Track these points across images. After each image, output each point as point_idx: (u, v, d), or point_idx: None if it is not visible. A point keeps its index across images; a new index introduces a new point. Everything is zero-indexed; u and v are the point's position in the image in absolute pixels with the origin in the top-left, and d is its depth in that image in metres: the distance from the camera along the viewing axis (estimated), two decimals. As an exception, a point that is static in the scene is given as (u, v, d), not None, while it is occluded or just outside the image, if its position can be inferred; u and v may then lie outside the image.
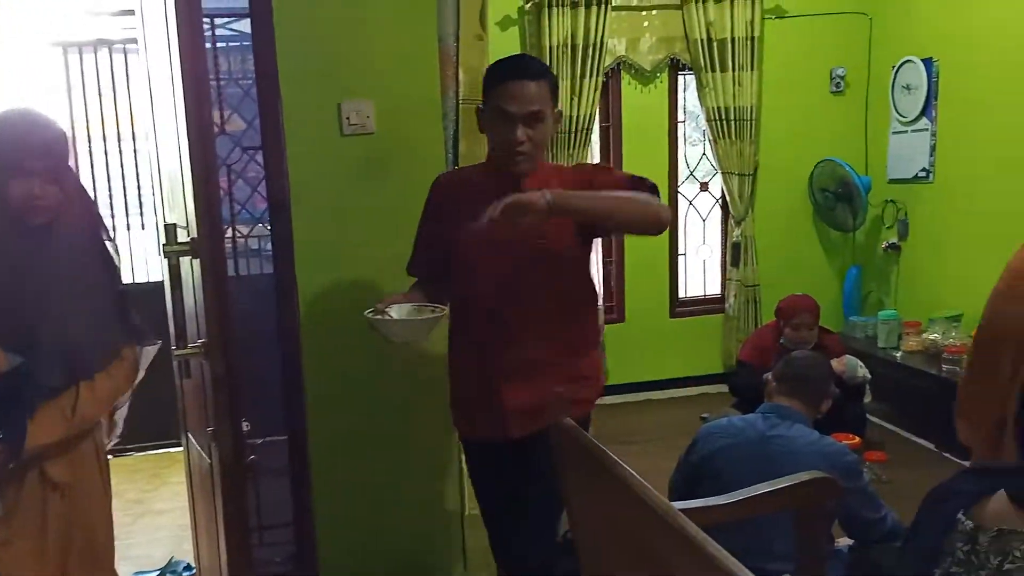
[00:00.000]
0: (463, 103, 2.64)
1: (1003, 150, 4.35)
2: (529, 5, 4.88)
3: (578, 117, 4.87)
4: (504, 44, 4.92)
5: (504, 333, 2.07)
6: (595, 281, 2.96)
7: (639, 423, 4.81)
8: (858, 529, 2.42)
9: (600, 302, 5.18)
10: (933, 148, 4.88)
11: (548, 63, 4.81)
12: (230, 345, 1.88)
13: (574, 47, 4.82)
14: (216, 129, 3.78)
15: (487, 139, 2.06)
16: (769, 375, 2.69)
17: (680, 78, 5.29)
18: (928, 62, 4.83)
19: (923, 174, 4.97)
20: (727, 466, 2.34)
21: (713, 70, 5.04)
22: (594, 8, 4.79)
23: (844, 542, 2.59)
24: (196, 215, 1.86)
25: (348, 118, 2.52)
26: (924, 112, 4.90)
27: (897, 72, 5.08)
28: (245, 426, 2.07)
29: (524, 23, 4.95)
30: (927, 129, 4.90)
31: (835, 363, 3.83)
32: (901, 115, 5.08)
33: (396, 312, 1.99)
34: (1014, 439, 1.22)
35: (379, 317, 1.96)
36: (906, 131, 5.07)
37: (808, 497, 1.99)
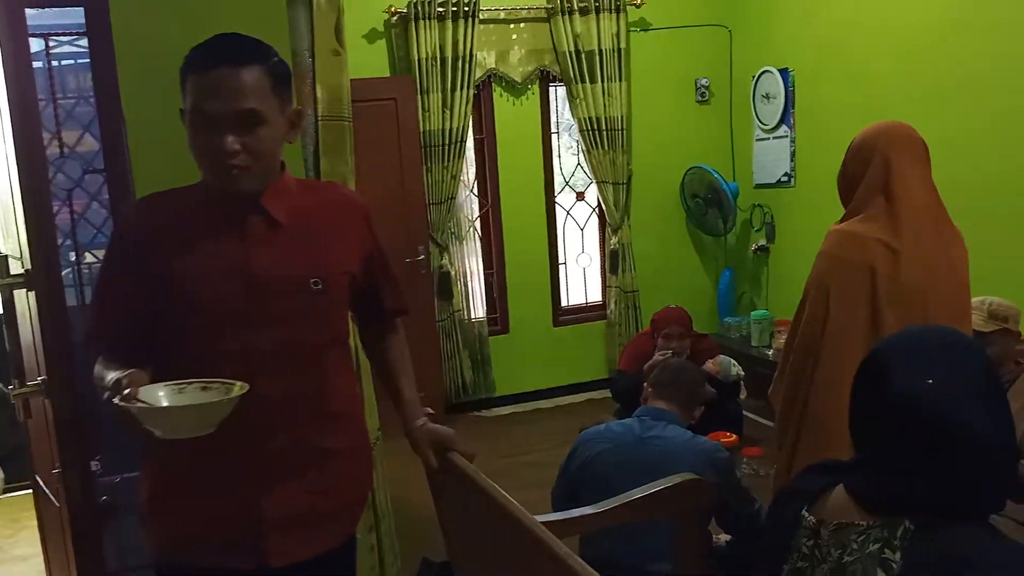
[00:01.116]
0: (322, 120, 2.61)
1: (855, 154, 4.63)
2: (395, 18, 4.88)
3: (451, 130, 4.91)
4: (371, 58, 4.91)
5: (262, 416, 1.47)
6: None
7: (529, 434, 4.84)
8: (733, 524, 2.52)
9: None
10: (793, 154, 5.16)
11: (418, 76, 4.83)
12: (72, 381, 1.78)
13: (443, 60, 4.86)
14: (62, 150, 3.60)
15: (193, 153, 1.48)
16: (647, 383, 2.77)
17: (552, 90, 5.40)
18: (784, 72, 5.11)
19: (786, 179, 5.25)
20: (607, 470, 2.39)
21: (583, 81, 5.17)
22: (462, 21, 4.84)
23: (724, 538, 2.69)
24: (29, 245, 1.75)
25: (199, 137, 2.43)
26: (783, 120, 5.18)
27: (757, 82, 5.35)
28: (95, 465, 1.97)
29: (391, 36, 4.95)
30: (787, 136, 5.18)
31: (709, 364, 3.95)
32: (763, 123, 5.35)
33: (159, 395, 1.35)
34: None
35: (160, 406, 1.32)
36: (768, 138, 5.35)
37: (682, 498, 2.05)
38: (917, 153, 2.08)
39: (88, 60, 3.50)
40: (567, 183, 5.62)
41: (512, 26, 5.14)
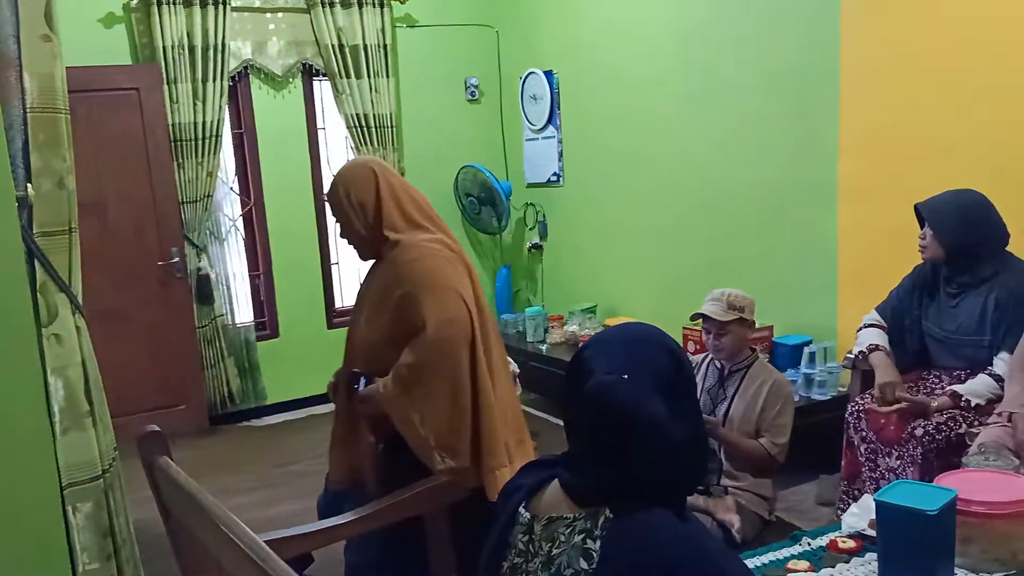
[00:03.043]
0: (32, 112, 2.33)
1: (618, 154, 4.90)
2: (136, 2, 4.55)
3: (205, 123, 4.67)
4: (110, 44, 4.56)
5: None
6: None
7: (303, 442, 4.68)
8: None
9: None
10: (561, 154, 5.36)
11: (164, 65, 4.54)
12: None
13: (192, 48, 4.61)
14: None
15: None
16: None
17: (316, 84, 5.27)
18: (549, 74, 5.29)
19: (555, 178, 5.44)
20: None
21: (348, 76, 5.08)
22: (211, 7, 4.61)
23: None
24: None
25: None
26: (550, 121, 5.37)
27: (524, 83, 5.50)
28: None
29: (131, 20, 4.62)
30: (554, 137, 5.38)
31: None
32: (532, 123, 5.52)
33: None
34: None
35: None
36: (537, 138, 5.52)
37: (433, 499, 2.05)
38: None
39: None
40: (336, 181, 5.47)
41: (269, 16, 4.96)
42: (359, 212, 2.30)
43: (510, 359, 4.28)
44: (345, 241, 2.42)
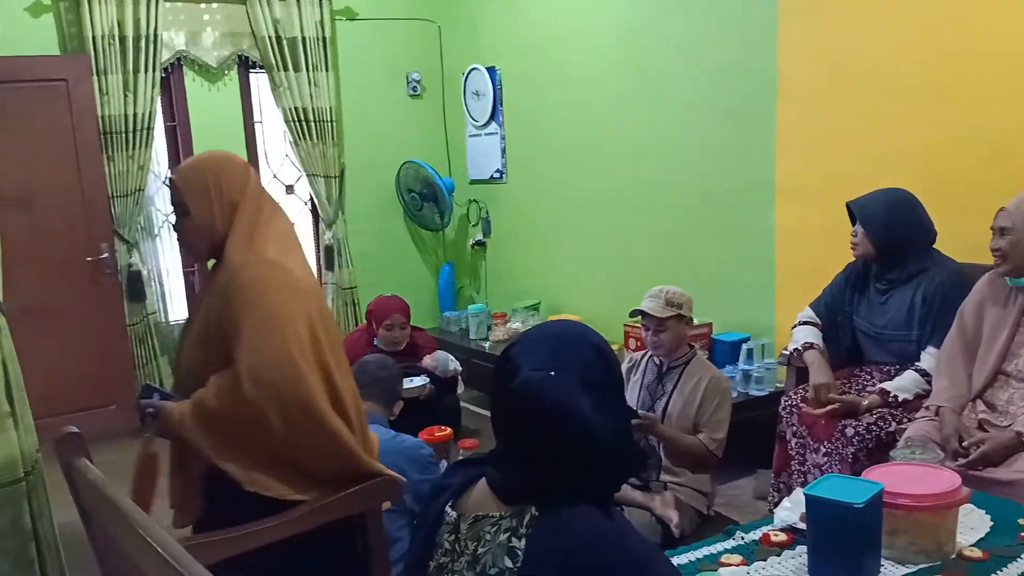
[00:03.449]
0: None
1: (561, 151, 4.92)
2: (65, -11, 4.41)
3: (136, 116, 4.56)
4: (38, 33, 4.42)
5: None
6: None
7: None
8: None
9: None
10: (504, 151, 5.36)
11: (94, 56, 4.42)
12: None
13: (123, 39, 4.50)
14: None
15: None
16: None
17: (253, 76, 5.18)
18: (492, 70, 5.29)
19: (498, 175, 5.44)
20: None
21: (286, 69, 5.01)
22: (142, -3, 4.51)
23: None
24: None
25: None
26: (493, 117, 5.37)
27: (467, 79, 5.49)
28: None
29: (60, 10, 4.49)
30: (497, 133, 5.38)
31: (427, 359, 3.99)
32: (474, 119, 5.51)
33: None
34: None
35: None
36: (480, 134, 5.51)
37: (368, 499, 2.02)
38: None
39: None
40: (275, 176, 5.39)
41: (204, 6, 4.85)
42: (216, 205, 1.93)
43: (452, 357, 4.29)
44: (177, 235, 2.07)
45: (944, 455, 2.24)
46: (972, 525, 1.88)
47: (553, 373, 1.14)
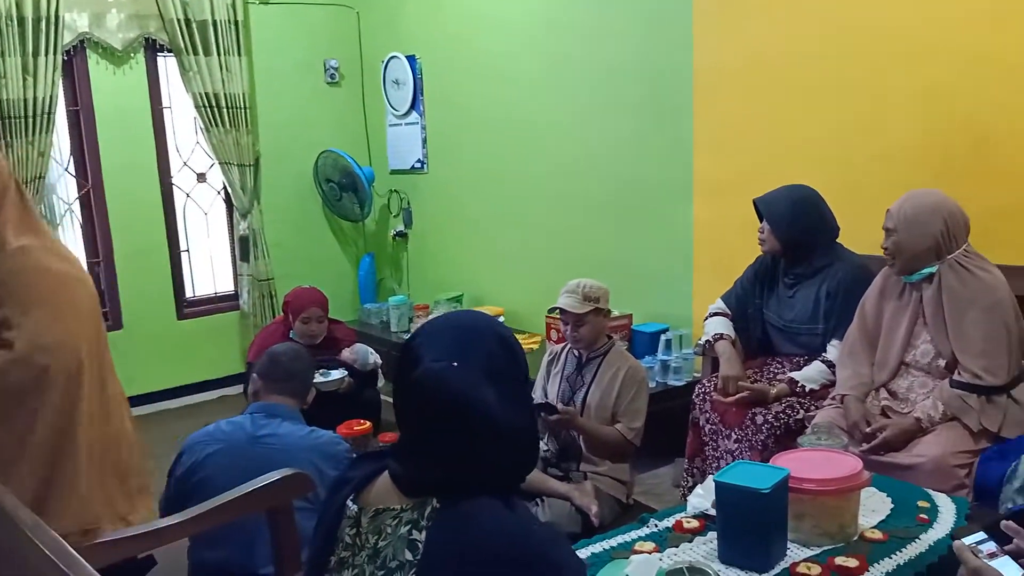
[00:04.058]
0: None
1: (482, 143, 4.93)
2: (-44, -31, 4.20)
3: (36, 100, 4.37)
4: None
5: None
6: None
7: (153, 438, 4.45)
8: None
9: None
10: (425, 140, 5.33)
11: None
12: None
13: (21, 20, 4.30)
14: None
15: None
16: (255, 374, 2.67)
17: (161, 60, 5.03)
18: (412, 59, 5.26)
19: (419, 165, 5.42)
20: (216, 474, 2.29)
21: (196, 53, 4.88)
22: (42, -24, 4.32)
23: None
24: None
25: None
26: (414, 106, 5.33)
27: (386, 67, 5.44)
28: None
29: (-48, -10, 4.26)
30: (418, 123, 5.35)
31: (346, 352, 3.94)
32: (394, 108, 5.47)
33: None
34: None
35: None
36: (400, 124, 5.48)
37: (279, 495, 2.00)
38: None
39: None
40: (185, 163, 5.25)
41: (108, -13, 4.67)
42: None
43: (371, 350, 4.26)
44: None
45: (848, 441, 2.35)
46: (874, 508, 1.98)
47: (456, 364, 1.14)
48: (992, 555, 1.35)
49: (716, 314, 3.12)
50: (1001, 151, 2.79)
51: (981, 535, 1.39)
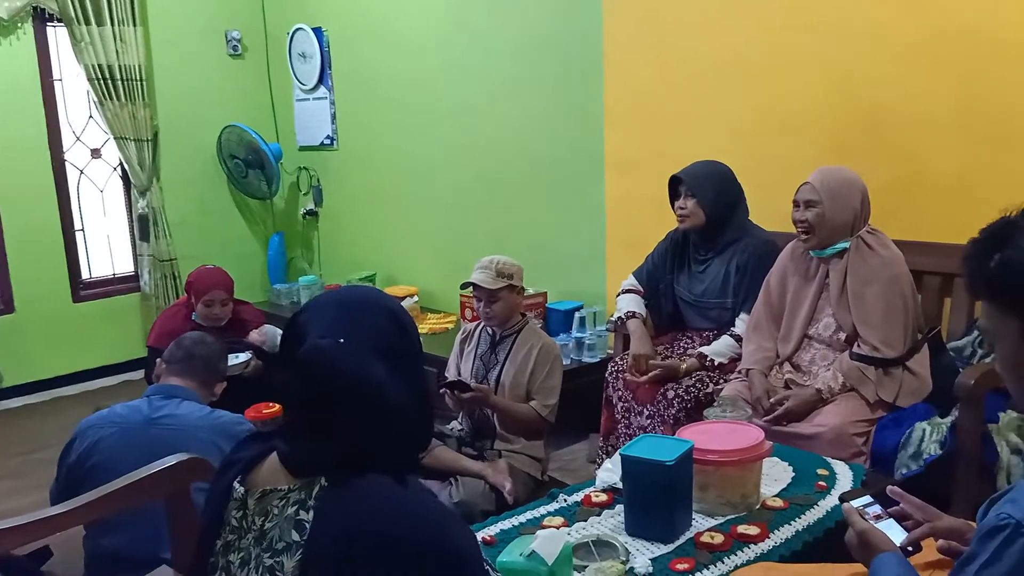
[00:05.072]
0: None
1: (393, 118, 4.87)
2: None
3: (-90, 70, 4.09)
4: None
5: None
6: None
7: (48, 426, 4.34)
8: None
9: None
10: (334, 116, 5.24)
11: None
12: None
13: None
14: None
15: None
16: (160, 359, 2.61)
17: (51, 30, 4.80)
18: (319, 31, 5.15)
19: (328, 141, 5.33)
20: (110, 458, 2.23)
21: (88, 23, 4.69)
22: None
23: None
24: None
25: None
26: (322, 81, 5.23)
27: (292, 39, 5.31)
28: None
29: None
30: (326, 97, 5.25)
31: (255, 334, 3.87)
32: (302, 83, 5.36)
33: None
34: None
35: None
36: (308, 99, 5.37)
37: (175, 480, 1.95)
38: None
39: None
40: (78, 138, 5.04)
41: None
42: None
43: (279, 332, 4.19)
44: None
45: (752, 412, 2.45)
46: (776, 477, 2.07)
47: (342, 340, 1.12)
48: (878, 517, 1.44)
49: (628, 291, 3.18)
50: (894, 128, 2.91)
51: (868, 499, 1.47)
